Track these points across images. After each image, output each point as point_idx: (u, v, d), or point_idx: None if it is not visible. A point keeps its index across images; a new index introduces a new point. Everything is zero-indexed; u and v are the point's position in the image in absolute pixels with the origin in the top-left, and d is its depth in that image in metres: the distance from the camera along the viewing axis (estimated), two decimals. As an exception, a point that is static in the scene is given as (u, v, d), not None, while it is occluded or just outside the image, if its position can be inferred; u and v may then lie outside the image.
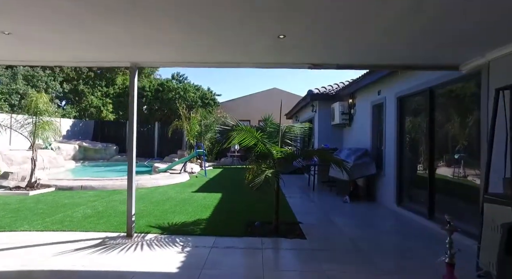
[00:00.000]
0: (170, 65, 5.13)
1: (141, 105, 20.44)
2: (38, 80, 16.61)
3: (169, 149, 18.79)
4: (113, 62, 5.11)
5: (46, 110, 9.18)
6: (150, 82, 21.00)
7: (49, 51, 4.70)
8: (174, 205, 7.38)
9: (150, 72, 29.71)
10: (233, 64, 5.01)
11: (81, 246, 4.54)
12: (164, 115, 20.15)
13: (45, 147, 14.56)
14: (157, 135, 20.17)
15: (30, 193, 8.42)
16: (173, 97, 19.51)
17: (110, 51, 4.64)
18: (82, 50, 4.58)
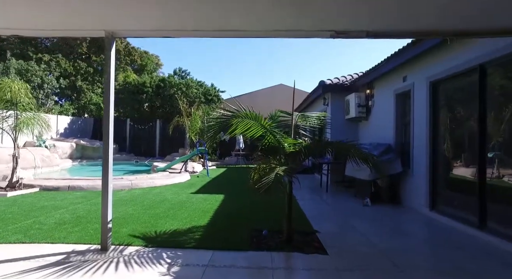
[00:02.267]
0: (154, 35, 4.11)
1: (142, 102, 19.54)
2: (33, 74, 15.81)
3: (170, 147, 17.84)
4: (85, 30, 4.11)
5: (27, 103, 8.24)
6: (151, 78, 20.07)
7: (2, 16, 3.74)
8: (167, 208, 6.35)
9: (153, 69, 28.94)
10: (239, 32, 3.94)
11: (33, 266, 3.49)
12: (166, 113, 19.20)
13: (39, 145, 13.71)
14: (158, 134, 19.24)
15: (8, 194, 7.49)
16: (175, 93, 18.56)
17: (80, 15, 3.63)
18: (45, 14, 3.59)
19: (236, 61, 48.13)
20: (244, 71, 48.15)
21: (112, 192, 4.17)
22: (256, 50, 47.61)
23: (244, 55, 48.24)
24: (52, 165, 13.15)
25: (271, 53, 46.76)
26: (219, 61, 48.72)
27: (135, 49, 26.42)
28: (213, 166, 15.11)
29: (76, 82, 19.38)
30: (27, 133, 8.79)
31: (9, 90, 8.06)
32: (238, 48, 48.45)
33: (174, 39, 43.52)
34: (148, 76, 21.16)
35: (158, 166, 12.61)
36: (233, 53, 48.28)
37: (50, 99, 17.70)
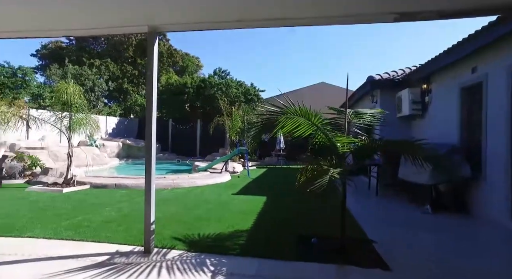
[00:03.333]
0: (197, 27, 3.91)
1: (183, 103, 19.98)
2: (86, 78, 16.85)
3: (211, 147, 17.99)
4: (129, 26, 4.01)
5: (79, 103, 8.64)
6: (192, 79, 20.44)
7: (57, 18, 3.78)
8: (209, 210, 6.18)
9: (194, 71, 29.63)
10: (289, 20, 3.58)
11: (80, 266, 3.46)
12: (206, 113, 19.43)
13: (90, 144, 14.51)
14: (199, 133, 19.53)
15: (63, 191, 7.87)
16: (215, 94, 18.70)
17: (124, 11, 3.55)
18: (94, 13, 3.56)
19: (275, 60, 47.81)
20: (284, 70, 47.62)
21: (154, 194, 4.03)
22: (295, 48, 46.85)
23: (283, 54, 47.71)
24: (102, 163, 13.84)
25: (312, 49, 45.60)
26: (258, 61, 48.73)
27: (177, 51, 27.23)
28: (253, 166, 14.91)
29: (123, 84, 20.42)
30: (80, 133, 9.26)
31: (66, 93, 8.52)
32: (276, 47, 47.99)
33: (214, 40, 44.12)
34: (189, 77, 21.63)
35: (199, 166, 12.68)
36: (272, 53, 47.98)
37: (100, 101, 18.80)
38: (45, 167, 10.07)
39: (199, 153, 19.23)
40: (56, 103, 8.71)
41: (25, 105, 11.84)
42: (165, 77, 22.50)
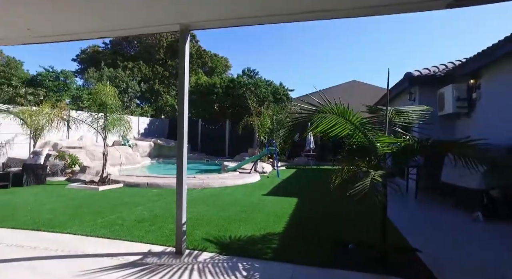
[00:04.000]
0: (229, 24, 3.83)
1: (212, 103, 20.17)
2: (120, 80, 17.51)
3: (240, 147, 18.00)
4: (161, 26, 3.98)
5: (114, 104, 8.92)
6: (221, 79, 20.58)
7: (89, 19, 3.84)
8: (240, 211, 6.06)
9: (222, 71, 29.89)
10: (330, 12, 3.35)
11: (114, 264, 3.46)
12: (235, 113, 19.48)
13: (124, 144, 15.02)
14: (228, 133, 19.62)
15: (99, 189, 8.13)
16: (244, 93, 18.67)
17: (155, 10, 3.51)
18: (127, 15, 3.58)
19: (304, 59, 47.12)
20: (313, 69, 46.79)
21: (186, 195, 3.97)
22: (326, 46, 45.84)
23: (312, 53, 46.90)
24: (134, 162, 14.26)
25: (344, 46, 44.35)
26: (287, 60, 48.29)
27: (206, 52, 27.61)
28: (282, 166, 14.68)
29: (154, 85, 21.00)
30: (115, 132, 9.57)
31: (102, 94, 8.83)
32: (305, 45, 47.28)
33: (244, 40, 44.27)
34: (218, 77, 21.83)
35: (228, 166, 12.67)
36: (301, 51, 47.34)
37: (133, 102, 19.47)
38: (83, 165, 10.51)
39: (228, 153, 19.32)
40: (93, 104, 9.05)
41: (66, 107, 12.50)
42: (195, 78, 22.87)
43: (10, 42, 5.00)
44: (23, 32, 4.38)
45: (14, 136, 11.16)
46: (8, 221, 5.06)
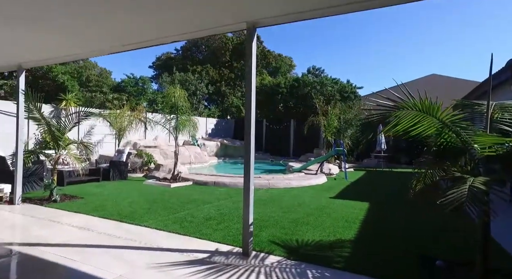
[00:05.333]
0: (296, 18, 3.66)
1: (276, 103, 20.16)
2: (189, 83, 18.64)
3: (305, 147, 17.61)
4: (227, 25, 3.98)
5: (184, 106, 9.44)
6: (286, 79, 20.43)
7: (163, 25, 4.06)
8: (307, 214, 5.81)
9: (287, 71, 29.73)
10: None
11: (184, 260, 3.56)
12: (300, 112, 19.14)
13: (193, 144, 15.90)
14: (292, 133, 19.39)
15: (171, 186, 8.66)
16: (309, 93, 18.22)
17: (221, 10, 3.52)
18: (195, 17, 3.68)
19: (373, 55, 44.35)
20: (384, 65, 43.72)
21: (253, 196, 3.90)
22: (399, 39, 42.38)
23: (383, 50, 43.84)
24: (202, 161, 14.98)
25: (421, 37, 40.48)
26: (354, 56, 45.98)
27: (270, 52, 27.78)
28: (350, 168, 13.88)
29: (221, 87, 21.87)
30: (185, 133, 10.14)
31: (173, 96, 9.45)
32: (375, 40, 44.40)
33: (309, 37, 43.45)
34: (282, 77, 21.75)
35: (293, 166, 12.44)
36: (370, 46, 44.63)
37: (201, 104, 20.56)
38: (157, 163, 11.37)
39: (293, 154, 19.07)
40: (166, 106, 9.71)
41: (143, 109, 13.74)
42: (259, 79, 23.16)
43: (103, 53, 5.58)
44: (112, 42, 4.84)
45: (103, 136, 12.63)
46: (100, 211, 5.66)
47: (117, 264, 3.43)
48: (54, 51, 5.44)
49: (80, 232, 4.56)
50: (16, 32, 4.45)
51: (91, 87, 18.57)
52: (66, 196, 6.82)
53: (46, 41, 4.88)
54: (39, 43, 5.00)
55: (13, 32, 4.45)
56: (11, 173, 6.61)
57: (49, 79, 15.54)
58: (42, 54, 5.69)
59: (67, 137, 7.04)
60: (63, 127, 6.92)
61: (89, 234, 4.46)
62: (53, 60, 6.31)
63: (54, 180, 6.71)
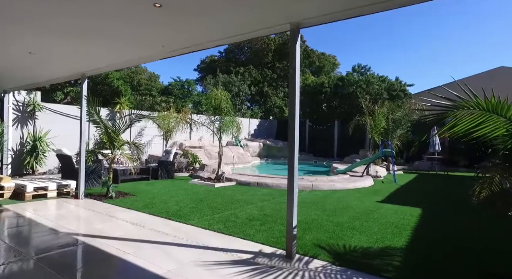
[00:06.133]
0: (342, 16, 3.58)
1: (320, 103, 19.73)
2: (232, 85, 19.02)
3: (350, 148, 17.00)
4: (271, 27, 3.97)
5: (227, 107, 9.63)
6: (329, 78, 19.91)
7: (208, 30, 4.18)
8: (352, 218, 5.58)
9: (330, 70, 28.97)
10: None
11: (228, 259, 3.62)
12: (344, 112, 18.52)
13: (236, 144, 16.18)
14: (336, 134, 18.83)
15: (215, 185, 8.88)
16: (354, 92, 17.53)
17: (264, 11, 3.53)
18: (239, 20, 3.76)
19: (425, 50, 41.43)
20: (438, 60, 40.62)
21: (297, 198, 3.85)
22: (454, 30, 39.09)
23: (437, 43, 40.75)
24: (245, 162, 15.17)
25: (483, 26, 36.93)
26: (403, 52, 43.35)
27: (313, 51, 27.29)
28: (399, 171, 13.10)
29: (263, 88, 21.97)
30: (228, 133, 10.36)
31: (216, 98, 9.71)
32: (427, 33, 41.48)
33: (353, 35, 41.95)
34: (326, 77, 21.24)
35: (337, 168, 12.07)
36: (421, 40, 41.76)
37: (244, 105, 20.87)
38: (202, 163, 11.75)
39: (337, 155, 18.52)
40: (209, 108, 10.00)
41: (189, 111, 14.31)
42: (302, 79, 22.86)
43: (151, 59, 5.92)
44: (159, 49, 5.11)
45: (152, 137, 13.39)
46: (149, 208, 6.00)
47: (166, 259, 3.60)
48: (111, 59, 5.89)
49: (133, 227, 4.86)
50: (79, 44, 4.90)
51: (142, 91, 19.82)
52: (120, 193, 7.33)
53: (104, 51, 5.31)
54: (99, 53, 5.45)
55: (77, 45, 4.92)
56: (76, 171, 7.29)
57: (106, 84, 16.88)
58: (101, 63, 6.19)
59: (121, 138, 7.58)
60: (117, 129, 7.47)
61: (140, 229, 4.75)
62: (110, 67, 6.82)
63: (110, 178, 7.26)
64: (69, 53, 5.44)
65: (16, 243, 4.23)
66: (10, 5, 3.47)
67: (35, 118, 10.39)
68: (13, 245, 4.12)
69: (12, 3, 3.40)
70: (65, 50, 5.30)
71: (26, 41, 4.82)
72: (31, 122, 10.35)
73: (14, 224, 5.15)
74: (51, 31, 4.35)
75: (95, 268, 3.50)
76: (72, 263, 3.71)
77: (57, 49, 5.26)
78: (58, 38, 4.65)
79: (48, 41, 4.81)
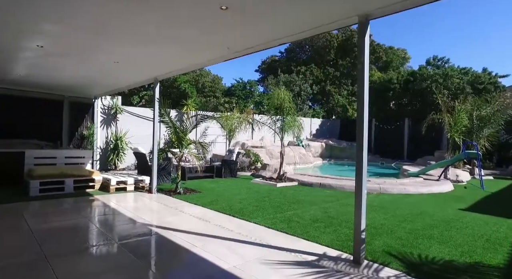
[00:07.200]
0: (415, 4, 3.14)
1: (387, 101, 18.38)
2: (294, 84, 18.83)
3: (422, 149, 15.48)
4: (338, 21, 3.76)
5: (289, 108, 9.53)
6: (398, 73, 18.37)
7: (270, 29, 4.16)
8: (429, 225, 5.02)
9: (399, 65, 26.83)
10: None
11: (293, 260, 3.53)
12: (416, 110, 16.93)
13: (297, 144, 15.97)
14: (406, 134, 17.32)
15: (277, 185, 8.86)
16: (428, 87, 15.88)
17: (330, 5, 3.36)
18: (304, 16, 3.65)
19: None
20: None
21: (366, 200, 3.58)
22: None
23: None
24: (307, 162, 14.88)
25: None
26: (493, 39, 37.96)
27: (380, 45, 25.57)
28: (488, 176, 11.45)
29: (325, 87, 21.30)
30: (290, 133, 10.26)
31: (279, 98, 9.69)
32: None
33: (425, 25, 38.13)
34: (394, 72, 19.68)
35: (408, 170, 11.06)
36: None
37: (305, 104, 20.52)
38: (264, 163, 11.85)
39: (407, 156, 17.04)
40: (271, 108, 10.01)
41: (251, 111, 14.59)
42: (378, 75, 21.55)
43: (216, 61, 6.12)
44: (225, 51, 5.26)
45: (216, 137, 13.97)
46: (214, 205, 6.22)
47: (230, 255, 3.66)
48: (180, 63, 6.27)
49: (199, 222, 5.08)
50: (154, 50, 5.32)
51: (206, 93, 20.86)
52: (187, 189, 7.76)
53: (175, 55, 5.67)
54: (170, 57, 5.84)
55: (152, 51, 5.35)
56: (149, 168, 7.95)
57: (174, 87, 18.17)
58: (172, 67, 6.63)
59: (188, 137, 8.04)
60: (185, 129, 7.93)
61: (206, 224, 4.93)
62: (179, 71, 7.27)
63: (178, 175, 7.75)
64: (145, 59, 5.95)
65: (104, 228, 4.80)
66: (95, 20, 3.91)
67: (116, 120, 11.65)
68: (102, 230, 4.68)
69: (97, 17, 3.82)
70: (142, 57, 5.80)
71: (111, 51, 5.39)
72: (113, 124, 11.64)
73: (102, 212, 5.83)
74: (131, 40, 4.79)
75: (167, 257, 3.75)
76: (147, 250, 4.03)
77: (135, 57, 5.79)
78: (136, 46, 5.11)
79: (128, 50, 5.31)
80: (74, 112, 10.79)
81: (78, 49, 5.29)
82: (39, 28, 4.34)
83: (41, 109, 9.99)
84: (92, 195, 7.06)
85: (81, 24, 4.13)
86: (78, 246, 3.98)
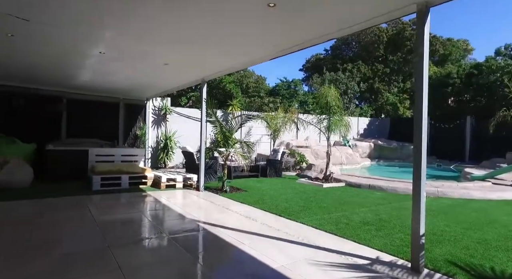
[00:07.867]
0: None
1: (445, 97, 16.89)
2: (340, 82, 18.19)
3: (489, 150, 13.94)
4: (394, 11, 3.50)
5: (336, 107, 9.20)
6: (459, 67, 16.76)
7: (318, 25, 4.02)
8: (503, 236, 4.47)
9: (460, 57, 24.56)
10: None
11: (342, 263, 3.37)
12: (480, 107, 15.30)
13: (344, 144, 15.40)
14: (469, 133, 15.74)
15: (323, 186, 8.61)
16: (498, 80, 14.21)
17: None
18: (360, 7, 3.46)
19: None
20: None
21: (425, 203, 3.29)
22: None
23: None
24: (354, 163, 14.27)
25: None
26: None
27: (437, 38, 23.63)
28: None
29: (374, 84, 20.22)
30: (336, 133, 9.91)
31: (328, 95, 9.40)
32: None
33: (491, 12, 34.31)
34: (453, 66, 18.01)
35: (472, 174, 10.02)
36: None
37: (352, 103, 19.72)
38: (309, 163, 11.60)
39: (469, 157, 15.49)
40: (317, 107, 9.74)
41: (295, 111, 14.39)
42: (432, 70, 20.02)
43: (262, 60, 6.10)
44: (270, 49, 5.23)
45: (260, 136, 14.01)
46: (260, 204, 6.22)
47: (279, 254, 3.60)
48: (227, 63, 6.36)
49: (246, 220, 5.10)
50: (201, 52, 5.46)
51: (250, 93, 21.06)
52: (233, 188, 7.87)
53: (222, 55, 5.75)
54: (217, 58, 5.95)
55: (200, 52, 5.50)
56: (197, 166, 8.22)
57: (220, 88, 18.62)
58: (218, 67, 6.76)
59: (234, 137, 8.14)
60: (231, 128, 8.05)
61: (253, 223, 4.93)
62: (226, 71, 7.39)
63: (225, 173, 7.89)
64: (193, 60, 6.14)
65: (156, 222, 5.05)
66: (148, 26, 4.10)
67: (166, 120, 12.25)
68: (155, 224, 4.94)
69: (149, 23, 4.01)
70: (190, 58, 6.00)
71: (161, 54, 5.66)
72: (163, 124, 12.26)
73: (154, 208, 6.14)
74: (180, 42, 4.97)
75: (215, 253, 3.82)
76: (195, 245, 4.13)
77: (184, 58, 6.01)
78: (185, 48, 5.29)
79: (178, 51, 5.52)
80: (129, 113, 11.58)
81: (132, 53, 5.64)
82: (102, 36, 4.70)
83: (101, 111, 10.87)
84: (145, 191, 7.49)
85: (135, 30, 4.38)
86: (134, 237, 4.25)
